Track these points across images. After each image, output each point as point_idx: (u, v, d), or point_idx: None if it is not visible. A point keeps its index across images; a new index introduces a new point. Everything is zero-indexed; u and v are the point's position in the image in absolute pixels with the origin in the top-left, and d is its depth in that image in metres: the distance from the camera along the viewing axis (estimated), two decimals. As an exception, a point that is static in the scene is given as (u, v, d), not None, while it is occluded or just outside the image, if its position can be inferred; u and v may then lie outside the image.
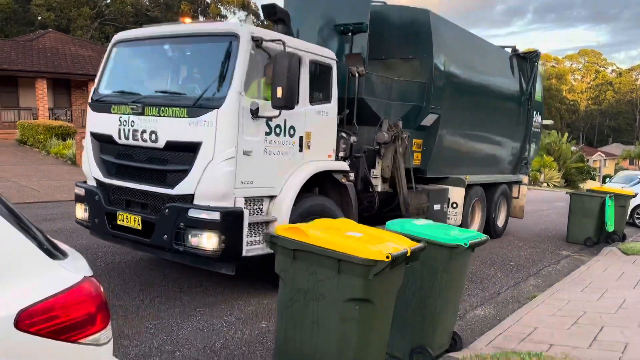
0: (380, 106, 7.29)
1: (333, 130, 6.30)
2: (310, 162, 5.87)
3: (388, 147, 7.20)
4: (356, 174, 6.81)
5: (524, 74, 10.81)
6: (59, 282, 1.84)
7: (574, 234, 10.89)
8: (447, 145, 8.54)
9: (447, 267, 4.03)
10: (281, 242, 3.35)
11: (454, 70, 8.36)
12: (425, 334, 4.12)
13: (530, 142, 11.37)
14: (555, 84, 74.57)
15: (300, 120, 5.71)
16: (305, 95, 5.77)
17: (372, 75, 7.14)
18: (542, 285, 7.09)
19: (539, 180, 39.66)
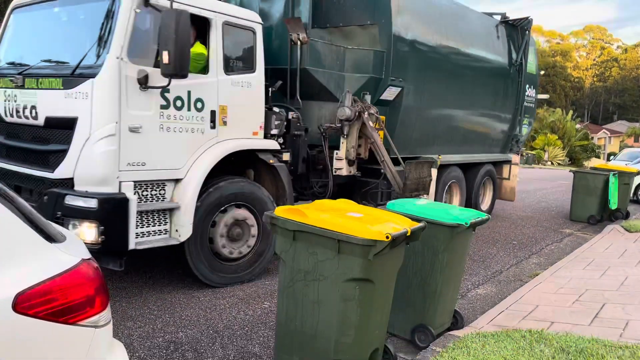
0: (330, 78, 6.62)
1: (259, 104, 5.59)
2: (226, 140, 5.20)
3: (352, 124, 6.48)
4: (295, 154, 6.17)
5: (514, 43, 9.96)
6: (57, 265, 1.84)
7: (577, 212, 10.88)
8: (415, 122, 7.74)
9: (448, 246, 4.04)
10: (281, 223, 3.35)
11: (421, 38, 7.52)
12: (427, 313, 4.15)
13: (522, 117, 10.52)
14: (560, 61, 73.78)
15: (211, 91, 5.05)
16: (218, 63, 5.11)
17: (318, 43, 6.48)
18: (545, 264, 7.10)
19: (543, 159, 39.53)
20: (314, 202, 3.84)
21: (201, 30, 5.11)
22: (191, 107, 4.88)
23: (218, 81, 5.12)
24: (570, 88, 73.07)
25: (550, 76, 67.03)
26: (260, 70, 5.56)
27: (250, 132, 5.51)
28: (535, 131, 44.00)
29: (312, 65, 6.34)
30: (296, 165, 6.21)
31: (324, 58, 6.57)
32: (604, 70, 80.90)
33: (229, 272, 5.41)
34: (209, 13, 5.03)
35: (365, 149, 6.66)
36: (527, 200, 14.18)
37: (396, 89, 7.16)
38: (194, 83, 4.86)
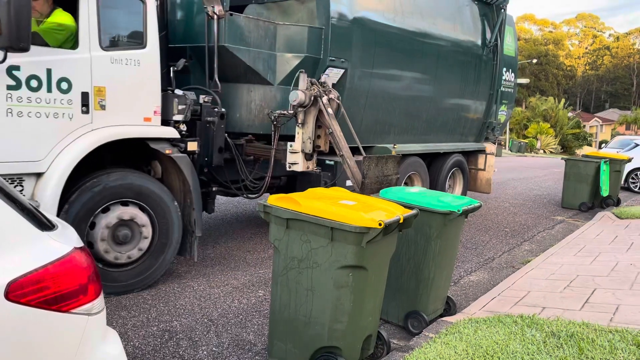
0: (257, 57, 5.91)
1: (152, 86, 4.82)
2: (104, 127, 4.48)
3: (308, 111, 5.52)
4: (208, 144, 5.52)
5: (489, 22, 9.11)
6: (49, 253, 1.84)
7: (568, 199, 10.96)
8: (363, 108, 6.88)
9: (440, 233, 4.07)
10: (274, 211, 3.35)
11: (368, 13, 6.68)
12: (420, 299, 4.18)
13: (499, 103, 9.63)
14: (553, 49, 73.90)
15: (82, 70, 4.31)
16: (91, 37, 4.35)
17: (240, 17, 5.75)
18: (536, 250, 7.16)
19: (536, 147, 39.73)
20: (307, 190, 3.84)
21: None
22: (52, 88, 4.14)
23: (91, 58, 4.35)
24: (562, 76, 73.30)
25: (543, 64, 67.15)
26: (153, 46, 4.80)
27: (140, 117, 4.76)
28: (527, 120, 44.23)
29: (232, 42, 5.65)
30: (210, 155, 5.53)
31: (248, 35, 5.83)
32: (596, 58, 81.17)
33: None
34: None
35: (326, 140, 5.81)
36: (519, 188, 14.26)
37: (338, 70, 6.37)
38: (57, 59, 4.15)
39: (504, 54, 9.51)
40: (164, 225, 4.90)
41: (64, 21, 4.34)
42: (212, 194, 5.94)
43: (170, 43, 5.95)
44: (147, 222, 4.79)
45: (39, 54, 4.04)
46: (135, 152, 4.96)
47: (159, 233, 4.88)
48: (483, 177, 9.85)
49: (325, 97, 5.64)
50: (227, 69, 5.77)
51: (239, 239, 6.93)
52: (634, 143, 16.10)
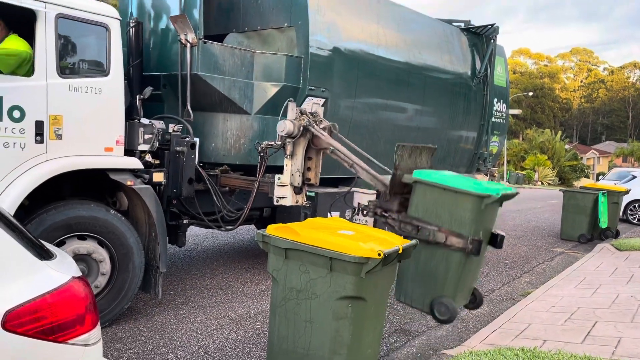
0: (232, 86, 5.82)
1: (115, 114, 4.65)
2: (59, 158, 4.28)
3: (297, 142, 5.23)
4: (177, 174, 5.28)
5: (478, 53, 9.11)
6: (47, 283, 1.83)
7: (567, 231, 10.94)
8: (346, 138, 6.77)
9: (475, 217, 3.94)
10: (273, 241, 3.34)
11: (350, 42, 6.60)
12: (447, 286, 4.06)
13: (490, 134, 9.50)
14: (548, 82, 74.90)
15: (37, 98, 4.14)
16: (48, 64, 4.21)
17: (214, 45, 5.70)
18: (536, 282, 7.11)
19: (534, 179, 39.84)
20: (306, 220, 3.84)
21: (26, 22, 4.28)
22: (3, 116, 3.97)
23: (47, 85, 4.20)
24: (558, 109, 74.08)
25: (539, 97, 67.95)
26: (117, 73, 4.66)
27: (101, 147, 4.55)
28: (524, 151, 44.48)
29: (205, 70, 5.57)
30: (179, 186, 5.29)
31: (223, 63, 5.75)
32: (591, 91, 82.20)
33: None
34: (33, 3, 4.12)
35: (316, 172, 5.49)
36: (518, 219, 14.25)
37: (318, 99, 6.22)
38: (8, 87, 4.01)
39: (495, 84, 9.49)
40: (124, 261, 4.63)
41: (16, 47, 4.24)
42: (182, 226, 5.72)
43: (144, 71, 5.90)
44: (105, 258, 4.54)
45: None
46: (100, 183, 4.78)
47: (119, 269, 4.62)
48: None
49: (315, 127, 5.32)
50: (202, 97, 5.70)
51: (237, 270, 6.89)
52: (631, 175, 16.17)
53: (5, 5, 3.99)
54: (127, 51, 5.54)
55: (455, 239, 3.94)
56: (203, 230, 7.24)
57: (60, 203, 4.36)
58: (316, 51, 6.19)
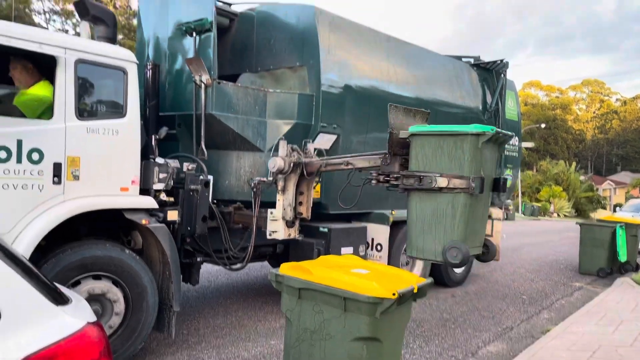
0: (246, 124, 5.91)
1: (131, 155, 4.75)
2: (76, 198, 4.34)
3: (288, 178, 5.45)
4: (191, 212, 5.29)
5: (489, 87, 9.23)
6: (62, 329, 1.83)
7: (586, 265, 10.73)
8: (358, 173, 6.88)
9: (474, 156, 4.05)
10: (286, 281, 3.33)
11: (360, 80, 6.72)
12: (456, 232, 4.09)
13: (503, 167, 9.44)
14: (560, 114, 74.82)
15: (56, 140, 4.22)
16: (67, 107, 4.31)
17: (228, 85, 5.83)
18: (556, 319, 6.95)
19: (549, 211, 39.39)
20: (319, 258, 3.83)
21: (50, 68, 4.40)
22: (23, 158, 4.05)
23: (66, 128, 4.28)
24: (572, 140, 73.75)
25: (552, 129, 67.79)
26: (133, 115, 4.76)
27: (117, 187, 4.62)
28: (539, 183, 44.11)
29: (219, 110, 5.69)
30: (193, 224, 5.30)
31: (237, 102, 5.86)
32: (605, 122, 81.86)
33: None
34: (53, 49, 4.26)
35: (307, 206, 5.68)
36: (535, 253, 14.03)
37: (331, 136, 6.37)
38: (28, 130, 4.09)
39: (507, 118, 9.54)
40: (138, 301, 4.62)
41: (42, 93, 4.37)
42: (196, 264, 5.73)
43: (160, 111, 6.01)
44: (119, 297, 4.53)
45: (10, 125, 4.02)
46: (115, 221, 4.79)
47: (133, 309, 4.60)
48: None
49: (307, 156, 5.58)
50: (216, 136, 5.77)
51: (250, 308, 6.83)
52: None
53: (28, 52, 4.13)
54: (144, 92, 5.65)
55: (458, 181, 4.06)
56: (216, 267, 7.24)
57: (75, 243, 4.40)
58: (328, 89, 6.31)
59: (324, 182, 6.51)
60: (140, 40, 6.70)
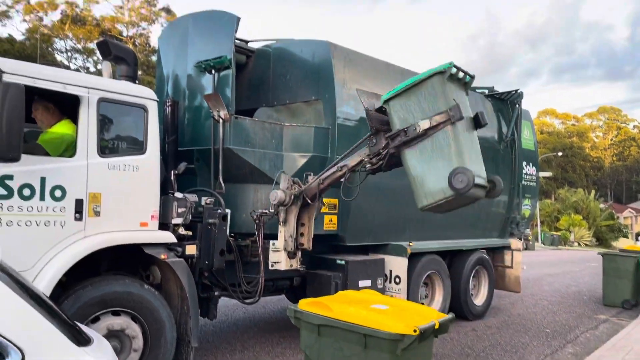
0: (263, 158, 5.96)
1: (151, 190, 4.79)
2: (96, 234, 4.37)
3: (289, 209, 5.57)
4: (209, 246, 5.28)
5: (504, 118, 9.26)
6: (84, 369, 1.83)
7: (610, 297, 10.46)
8: (375, 205, 6.76)
9: (443, 91, 4.37)
10: (305, 317, 3.30)
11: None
12: (454, 161, 4.37)
13: (522, 197, 9.45)
14: (577, 142, 74.22)
15: (78, 177, 4.29)
16: (90, 145, 4.38)
17: (245, 120, 5.93)
18: (581, 354, 6.75)
19: (570, 240, 38.71)
20: (337, 294, 3.80)
21: (72, 107, 4.50)
22: (46, 196, 4.11)
23: (88, 165, 4.36)
24: (590, 168, 72.90)
25: (569, 157, 67.19)
26: (153, 151, 4.83)
27: (136, 222, 4.66)
28: (558, 212, 43.52)
29: (237, 144, 5.76)
30: (211, 258, 5.29)
31: (254, 136, 5.95)
32: (623, 149, 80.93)
33: None
34: (77, 89, 4.36)
35: (309, 237, 5.74)
36: (556, 284, 13.74)
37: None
38: (51, 168, 4.16)
39: (523, 148, 9.53)
40: (156, 336, 4.59)
41: (65, 131, 4.47)
42: (214, 299, 5.72)
43: (179, 146, 6.11)
44: (138, 333, 4.50)
45: (34, 163, 4.07)
46: (134, 256, 4.81)
47: (151, 345, 4.56)
48: (511, 275, 9.32)
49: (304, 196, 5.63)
50: (234, 169, 5.83)
51: (267, 343, 6.75)
52: (673, 235, 15.56)
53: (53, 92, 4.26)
54: (163, 128, 5.76)
55: (438, 117, 4.40)
56: (233, 301, 7.20)
57: (96, 278, 4.42)
58: (343, 122, 6.38)
59: (340, 214, 6.51)
60: (160, 78, 6.87)
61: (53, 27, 34.85)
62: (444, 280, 7.86)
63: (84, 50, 36.58)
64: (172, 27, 7.44)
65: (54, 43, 35.49)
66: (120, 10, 37.69)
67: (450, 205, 4.63)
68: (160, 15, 38.06)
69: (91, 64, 36.60)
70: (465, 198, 4.53)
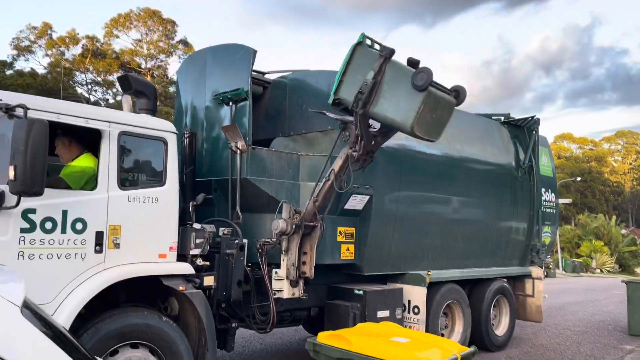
0: (280, 188, 6.00)
1: (169, 222, 4.81)
2: (116, 266, 4.38)
3: (291, 238, 5.66)
4: (227, 277, 5.27)
5: (521, 144, 9.22)
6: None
7: (636, 326, 10.17)
8: (392, 234, 6.76)
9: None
10: (325, 350, 3.26)
11: (389, 142, 6.57)
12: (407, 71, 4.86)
13: (541, 224, 9.33)
14: (596, 166, 73.32)
15: (98, 209, 4.33)
16: (110, 178, 4.44)
17: (262, 150, 5.99)
18: (609, 386, 6.53)
19: (592, 267, 37.91)
20: (356, 326, 3.76)
21: (93, 140, 4.59)
22: (67, 229, 4.15)
23: (109, 198, 4.41)
24: (609, 193, 71.74)
25: (588, 182, 66.31)
26: (172, 183, 4.87)
27: (155, 254, 4.68)
28: (579, 238, 42.76)
29: (254, 174, 5.83)
30: (229, 289, 5.27)
31: (270, 166, 6.02)
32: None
33: None
34: (99, 123, 4.45)
35: (310, 266, 5.75)
36: (580, 313, 13.40)
37: (363, 196, 6.38)
38: (73, 201, 4.22)
39: (541, 174, 9.46)
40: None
41: (86, 165, 4.54)
42: (231, 330, 5.65)
43: (197, 177, 6.18)
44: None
45: (56, 197, 4.13)
46: (152, 287, 4.79)
47: None
48: (532, 304, 9.13)
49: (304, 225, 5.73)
50: (251, 199, 5.86)
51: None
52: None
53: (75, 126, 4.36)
54: (181, 159, 5.82)
55: (376, 64, 4.99)
56: (250, 331, 7.14)
57: (114, 311, 4.42)
58: None
59: (357, 243, 6.49)
60: (179, 109, 6.99)
61: (74, 61, 35.83)
62: (464, 310, 7.72)
63: (103, 83, 37.49)
64: (190, 60, 7.61)
65: (75, 76, 36.44)
66: (140, 44, 38.63)
67: (434, 112, 4.99)
68: (177, 47, 38.93)
69: (110, 95, 37.48)
70: (441, 101, 4.98)
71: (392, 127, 5.28)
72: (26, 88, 27.75)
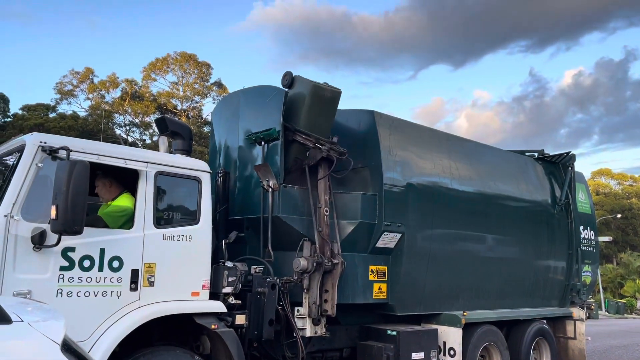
0: (311, 226, 5.97)
1: (203, 260, 4.86)
2: (150, 304, 4.43)
3: (312, 277, 5.65)
4: (259, 316, 5.23)
5: (556, 180, 9.06)
6: None
7: (687, 372, 9.59)
8: (426, 272, 6.65)
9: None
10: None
11: (422, 178, 6.79)
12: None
13: (581, 263, 9.06)
14: (637, 202, 70.96)
15: (134, 248, 4.43)
16: (146, 217, 4.54)
17: (294, 189, 6.02)
18: None
19: (636, 308, 36.23)
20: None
21: (130, 180, 4.73)
22: (104, 267, 4.26)
23: (144, 236, 4.51)
24: (653, 229, 69.07)
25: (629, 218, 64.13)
26: (206, 221, 4.94)
27: (188, 292, 4.72)
28: (621, 277, 41.10)
29: (285, 212, 5.87)
30: (260, 328, 5.23)
31: (302, 204, 6.05)
32: (687, 210, 76.60)
33: None
34: (136, 164, 4.60)
35: (332, 304, 5.73)
36: (626, 357, 12.75)
37: (395, 234, 6.35)
38: (110, 239, 4.34)
39: (579, 211, 9.25)
40: None
41: (125, 204, 4.67)
42: None
43: (229, 215, 6.27)
44: None
45: (95, 235, 4.25)
46: (184, 325, 4.82)
47: None
48: (575, 348, 8.74)
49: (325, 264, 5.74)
50: (282, 237, 5.89)
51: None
52: None
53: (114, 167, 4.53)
54: (215, 198, 5.94)
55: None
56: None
57: (147, 350, 4.44)
58: (390, 188, 6.39)
59: (389, 282, 6.41)
60: (213, 149, 7.18)
61: (114, 104, 37.27)
62: (502, 353, 7.42)
63: (141, 124, 38.76)
64: (224, 101, 7.85)
65: (114, 118, 37.83)
66: (176, 86, 39.98)
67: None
68: (212, 89, 40.14)
69: (147, 136, 38.65)
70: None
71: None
72: (68, 130, 28.91)
